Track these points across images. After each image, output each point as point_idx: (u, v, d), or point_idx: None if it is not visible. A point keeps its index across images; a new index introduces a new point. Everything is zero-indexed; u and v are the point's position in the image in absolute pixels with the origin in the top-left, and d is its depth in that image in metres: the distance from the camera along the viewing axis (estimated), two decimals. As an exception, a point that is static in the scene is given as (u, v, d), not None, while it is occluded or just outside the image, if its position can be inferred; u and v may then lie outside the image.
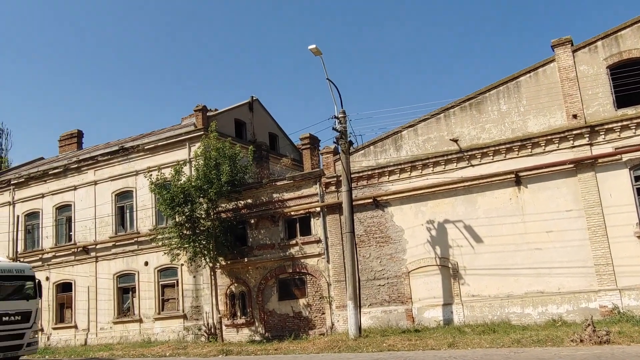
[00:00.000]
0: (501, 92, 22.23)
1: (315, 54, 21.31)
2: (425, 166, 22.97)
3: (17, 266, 21.71)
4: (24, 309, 20.45)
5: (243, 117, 32.90)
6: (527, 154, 21.29)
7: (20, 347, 20.08)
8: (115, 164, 31.24)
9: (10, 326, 19.78)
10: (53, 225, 32.77)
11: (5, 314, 19.73)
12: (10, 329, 19.74)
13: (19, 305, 20.34)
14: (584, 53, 21.15)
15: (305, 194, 25.35)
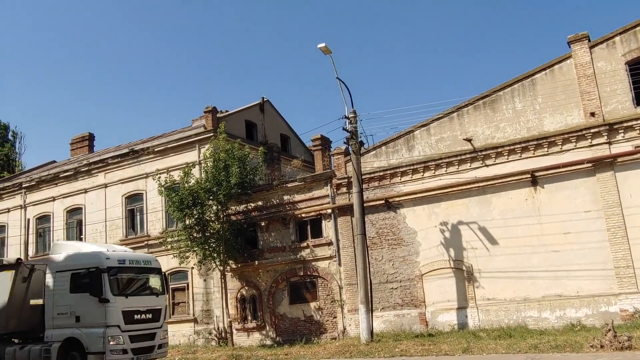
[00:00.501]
0: (516, 90, 21.68)
1: (325, 53, 20.91)
2: (438, 166, 22.48)
3: (145, 257, 19.14)
4: (154, 305, 18.02)
5: (254, 119, 32.58)
6: (543, 153, 20.72)
7: (152, 349, 17.53)
8: (125, 167, 31.05)
9: (142, 325, 17.37)
10: (64, 229, 32.63)
11: (137, 311, 17.31)
12: (143, 329, 17.34)
13: (148, 301, 17.93)
14: (602, 49, 20.55)
15: (316, 195, 24.95)
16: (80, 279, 16.95)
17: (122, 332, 16.60)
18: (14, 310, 17.77)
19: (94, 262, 17.06)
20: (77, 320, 16.82)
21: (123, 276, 17.44)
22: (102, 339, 16.33)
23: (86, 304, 16.76)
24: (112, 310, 16.60)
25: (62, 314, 17.11)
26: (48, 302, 17.58)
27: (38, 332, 17.85)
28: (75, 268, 17.24)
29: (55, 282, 17.55)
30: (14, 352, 17.75)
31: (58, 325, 17.14)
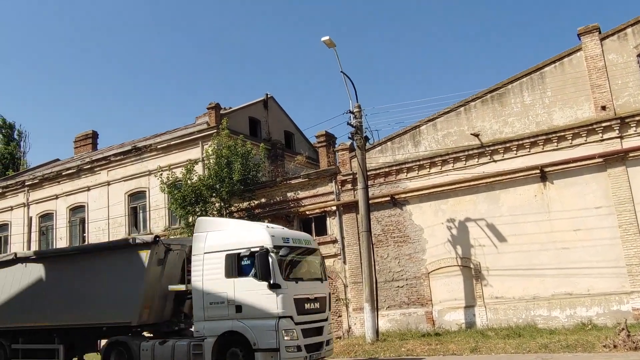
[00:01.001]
0: (525, 84, 21.19)
1: (329, 46, 20.50)
2: (445, 162, 22.02)
3: (304, 236, 16.01)
4: (320, 293, 14.87)
5: (258, 115, 32.21)
6: (552, 148, 20.22)
7: (321, 346, 14.32)
8: (128, 164, 30.75)
9: (312, 316, 14.31)
10: (67, 227, 32.38)
11: (307, 299, 14.22)
12: (313, 320, 14.30)
13: (314, 287, 14.76)
14: (613, 41, 20.05)
15: (321, 192, 24.53)
16: (239, 261, 14.00)
17: (295, 324, 13.61)
18: (148, 298, 15.40)
19: (257, 240, 13.99)
20: (238, 310, 13.71)
21: (289, 257, 14.36)
22: (274, 332, 13.29)
23: (249, 290, 13.69)
24: (284, 298, 13.50)
25: (216, 304, 14.01)
26: (196, 289, 14.50)
27: (173, 325, 16.07)
28: (231, 248, 14.17)
29: (206, 266, 14.43)
30: (152, 348, 14.88)
31: (211, 317, 14.05)
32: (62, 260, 17.61)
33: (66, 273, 16.82)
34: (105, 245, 16.78)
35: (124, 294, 15.49)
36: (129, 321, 15.45)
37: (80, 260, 17.06)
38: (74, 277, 16.60)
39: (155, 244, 15.55)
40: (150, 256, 15.40)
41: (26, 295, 17.25)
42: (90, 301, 16.02)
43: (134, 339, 15.55)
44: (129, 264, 15.67)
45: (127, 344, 15.35)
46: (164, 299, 15.82)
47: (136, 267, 15.49)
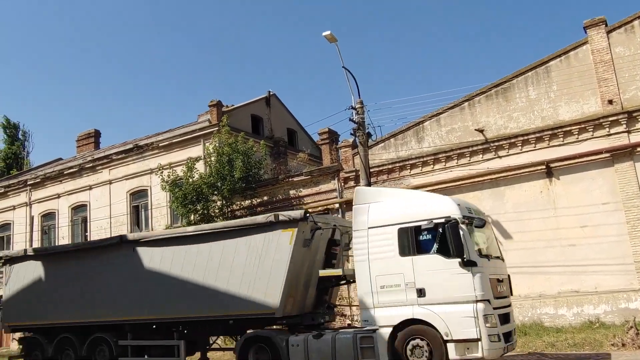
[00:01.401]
0: (529, 78, 20.85)
1: (330, 41, 20.15)
2: (449, 158, 21.71)
3: (475, 207, 13.57)
4: (504, 274, 12.85)
5: (260, 113, 31.95)
6: (558, 143, 19.87)
7: (511, 336, 12.20)
8: (129, 163, 30.56)
9: (502, 302, 12.14)
10: (69, 226, 32.22)
11: (497, 280, 12.13)
12: (503, 305, 12.18)
13: (500, 267, 12.78)
14: (620, 34, 19.69)
15: (323, 189, 24.26)
16: (416, 236, 11.94)
17: (493, 309, 11.48)
18: (292, 285, 13.40)
19: (441, 210, 11.92)
20: (420, 294, 11.58)
21: (475, 232, 12.22)
22: (472, 319, 11.06)
23: (434, 270, 11.61)
24: (481, 278, 11.35)
25: (390, 287, 11.93)
26: (361, 271, 12.38)
27: (318, 317, 14.24)
28: (405, 221, 12.11)
29: (372, 243, 12.35)
30: (304, 343, 12.77)
31: (383, 303, 11.97)
32: (184, 242, 15.03)
33: (189, 257, 14.61)
34: (241, 224, 14.41)
35: (264, 280, 13.32)
36: (271, 312, 13.22)
37: (207, 243, 14.60)
38: (199, 261, 14.44)
39: (304, 221, 13.44)
40: (296, 235, 13.26)
41: (137, 284, 15.26)
42: (220, 290, 13.97)
43: (279, 333, 13.49)
44: (271, 245, 13.52)
45: (270, 339, 13.24)
46: (306, 286, 13.83)
47: (280, 248, 13.36)
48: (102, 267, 16.07)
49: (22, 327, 17.98)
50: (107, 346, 15.48)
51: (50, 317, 16.69)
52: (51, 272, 17.02)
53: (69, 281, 16.56)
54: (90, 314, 15.91)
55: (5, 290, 18.05)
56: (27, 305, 17.23)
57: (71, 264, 16.80)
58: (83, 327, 16.12)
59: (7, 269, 18.08)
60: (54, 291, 16.72)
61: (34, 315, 17.06)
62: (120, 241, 15.93)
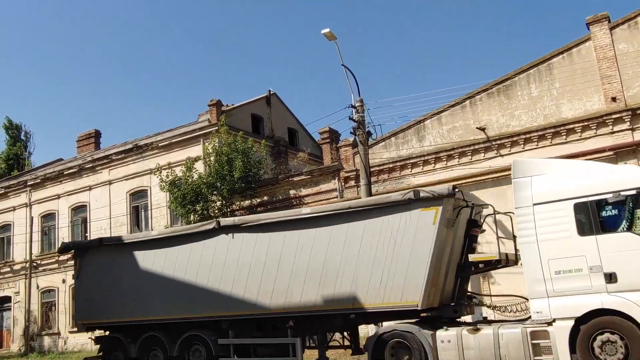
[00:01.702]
0: (532, 76, 20.59)
1: (330, 39, 19.94)
2: (450, 157, 21.46)
3: None
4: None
5: (260, 112, 31.75)
6: (561, 141, 19.61)
7: None
8: (129, 163, 30.40)
9: None
10: (69, 227, 32.07)
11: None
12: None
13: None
14: (623, 30, 19.41)
15: (324, 189, 24.05)
16: (598, 212, 10.34)
17: None
18: (436, 272, 11.78)
19: (631, 180, 10.32)
20: (610, 279, 9.96)
21: None
22: None
23: (627, 251, 9.99)
24: None
25: (568, 272, 10.36)
26: (529, 254, 10.92)
27: (462, 309, 12.71)
28: (582, 195, 10.51)
29: (539, 222, 10.79)
30: (457, 338, 11.16)
31: (560, 291, 10.37)
32: (297, 226, 13.27)
33: (304, 243, 12.93)
34: (371, 204, 12.62)
35: (402, 267, 11.71)
36: (411, 304, 11.54)
37: (327, 226, 12.85)
38: (317, 247, 12.76)
39: (450, 198, 11.88)
40: (441, 214, 11.64)
41: (238, 274, 13.60)
42: (344, 279, 12.30)
43: (421, 327, 11.65)
44: (409, 226, 11.86)
45: (411, 334, 11.51)
46: (446, 274, 12.24)
47: (421, 230, 11.70)
48: (195, 256, 14.32)
49: (98, 326, 16.19)
50: (204, 345, 13.86)
51: (134, 314, 15.02)
52: (132, 264, 15.23)
53: (155, 273, 14.79)
54: (182, 309, 14.23)
55: (76, 285, 16.42)
56: (104, 301, 15.48)
57: (157, 254, 14.92)
58: (172, 325, 14.52)
59: (78, 261, 16.26)
60: (137, 285, 15.01)
61: (113, 312, 15.39)
62: (217, 227, 14.11)
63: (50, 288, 32.25)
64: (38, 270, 32.76)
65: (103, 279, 15.62)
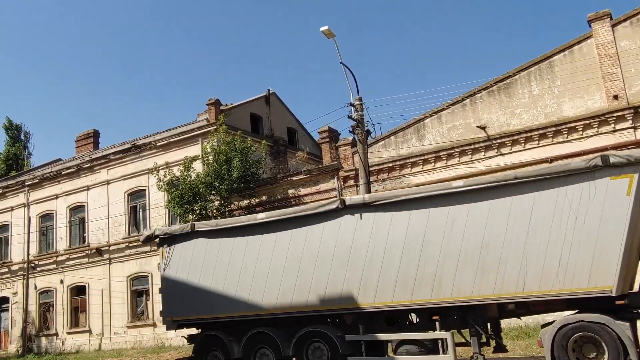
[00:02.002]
0: (532, 74, 20.38)
1: (328, 37, 19.73)
2: (450, 156, 21.25)
3: None
4: None
5: (259, 112, 31.54)
6: (562, 140, 19.42)
7: None
8: (127, 163, 30.20)
9: None
10: (67, 227, 31.88)
11: None
12: None
13: None
14: (625, 27, 19.21)
15: (323, 189, 23.83)
16: None
17: None
18: (632, 253, 10.13)
19: None
20: None
21: None
22: None
23: None
24: None
25: None
26: None
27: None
28: None
29: None
30: None
31: None
32: (444, 202, 11.58)
33: (454, 221, 11.33)
34: (546, 173, 10.83)
35: (588, 247, 10.03)
36: (604, 290, 9.83)
37: (486, 200, 11.12)
38: (472, 224, 11.09)
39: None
40: (637, 183, 9.85)
41: (365, 261, 11.88)
42: (509, 262, 10.59)
43: (615, 317, 9.87)
44: (595, 197, 10.16)
45: (603, 326, 9.79)
46: (638, 255, 10.49)
47: (611, 202, 9.97)
48: (312, 241, 12.62)
49: (192, 323, 14.48)
50: (327, 343, 12.16)
51: (238, 309, 13.25)
52: (233, 251, 13.61)
53: (262, 261, 13.11)
54: (298, 302, 12.48)
55: (163, 278, 14.61)
56: (199, 295, 13.84)
57: (264, 240, 13.24)
58: (284, 320, 12.98)
59: (166, 251, 14.55)
60: (240, 275, 13.33)
61: (210, 307, 13.66)
62: (341, 206, 12.43)
63: (48, 289, 32.08)
64: (36, 271, 32.57)
65: (196, 270, 13.89)
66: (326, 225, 12.52)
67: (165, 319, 14.46)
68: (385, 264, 11.65)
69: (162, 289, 14.45)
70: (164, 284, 14.46)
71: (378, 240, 11.86)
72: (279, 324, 13.00)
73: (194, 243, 14.10)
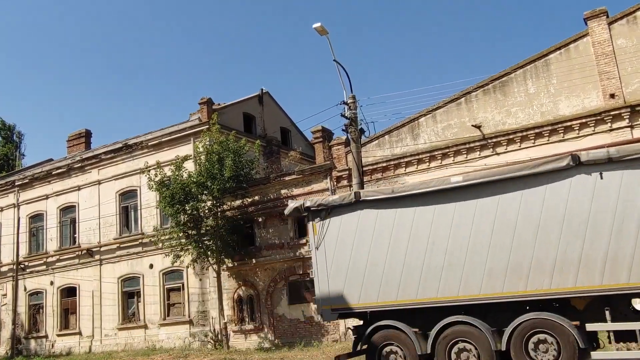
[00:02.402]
0: (528, 72, 20.13)
1: (321, 34, 19.43)
2: (445, 156, 20.98)
3: None
4: None
5: (252, 111, 31.19)
6: (558, 139, 19.18)
7: None
8: (119, 162, 29.78)
9: None
10: (57, 227, 31.43)
11: None
12: None
13: None
14: (622, 25, 18.98)
15: (316, 189, 23.49)
16: None
17: None
18: None
19: None
20: None
21: None
22: None
23: None
24: None
25: None
26: None
27: None
28: None
29: None
30: None
31: None
32: None
33: None
34: None
35: None
36: None
37: None
38: None
39: None
40: None
41: (613, 227, 9.89)
42: None
43: None
44: None
45: None
46: None
47: None
48: (531, 208, 10.60)
49: (358, 311, 12.26)
50: (557, 336, 10.08)
51: (427, 293, 11.10)
52: (417, 224, 11.50)
53: (458, 235, 11.06)
54: (511, 283, 10.43)
55: (316, 259, 12.58)
56: (369, 277, 11.80)
57: (462, 209, 11.15)
58: (494, 306, 10.78)
59: (319, 226, 12.58)
60: (427, 252, 11.28)
61: (386, 292, 11.56)
62: (572, 163, 10.40)
63: (38, 290, 31.62)
64: (25, 272, 32.10)
65: (363, 247, 11.95)
66: (550, 187, 10.49)
67: (322, 308, 12.37)
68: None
69: (314, 271, 12.49)
70: (318, 265, 12.43)
71: (629, 205, 9.82)
72: (481, 312, 10.78)
73: (358, 215, 12.14)
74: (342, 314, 12.41)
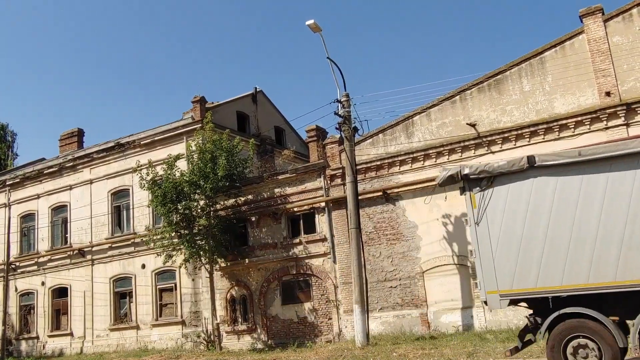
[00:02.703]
0: (523, 70, 19.95)
1: (314, 31, 19.27)
2: (439, 154, 20.78)
3: None
4: None
5: (246, 110, 30.94)
6: (554, 137, 18.99)
7: None
8: (111, 161, 29.50)
9: None
10: (49, 227, 31.11)
11: None
12: None
13: None
14: (617, 22, 18.82)
15: (309, 188, 23.28)
16: None
17: None
18: None
19: None
20: None
21: None
22: None
23: None
24: None
25: None
26: None
27: None
28: None
29: None
30: None
31: None
32: None
33: None
34: None
35: None
36: None
37: None
38: None
39: None
40: None
41: None
42: None
43: None
44: None
45: None
46: None
47: None
48: None
49: (536, 296, 10.39)
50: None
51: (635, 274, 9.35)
52: (612, 192, 9.76)
53: None
54: None
55: (476, 235, 10.94)
56: (551, 256, 10.13)
57: None
58: None
59: (478, 197, 10.98)
60: (629, 224, 9.52)
61: (576, 273, 9.81)
62: None
63: (29, 291, 31.28)
64: (16, 273, 31.78)
65: (540, 221, 10.29)
66: None
67: (488, 294, 10.62)
68: None
69: (475, 251, 10.92)
70: (480, 244, 10.82)
71: None
72: None
73: (531, 183, 10.55)
74: (515, 300, 10.67)
